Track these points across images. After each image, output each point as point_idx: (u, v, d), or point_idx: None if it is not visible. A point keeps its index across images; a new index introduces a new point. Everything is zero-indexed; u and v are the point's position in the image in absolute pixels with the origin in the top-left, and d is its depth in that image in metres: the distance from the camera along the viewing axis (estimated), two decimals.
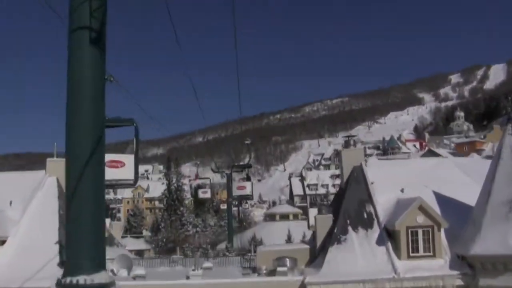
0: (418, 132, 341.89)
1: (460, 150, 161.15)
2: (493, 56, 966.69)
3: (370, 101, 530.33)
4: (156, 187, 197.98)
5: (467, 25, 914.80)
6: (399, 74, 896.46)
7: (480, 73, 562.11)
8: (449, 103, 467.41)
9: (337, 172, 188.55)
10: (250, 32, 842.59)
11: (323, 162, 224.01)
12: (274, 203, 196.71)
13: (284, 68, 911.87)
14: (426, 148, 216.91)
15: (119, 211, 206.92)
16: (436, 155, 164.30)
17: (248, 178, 49.96)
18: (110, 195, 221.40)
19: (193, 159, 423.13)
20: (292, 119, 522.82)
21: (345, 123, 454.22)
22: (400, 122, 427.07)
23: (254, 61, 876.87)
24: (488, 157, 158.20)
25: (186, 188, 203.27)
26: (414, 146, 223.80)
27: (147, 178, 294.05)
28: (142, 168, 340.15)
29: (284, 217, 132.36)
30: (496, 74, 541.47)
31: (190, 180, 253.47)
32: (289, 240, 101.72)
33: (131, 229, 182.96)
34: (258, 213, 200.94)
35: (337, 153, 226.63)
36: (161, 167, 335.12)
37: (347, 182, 39.40)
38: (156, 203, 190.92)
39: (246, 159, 69.13)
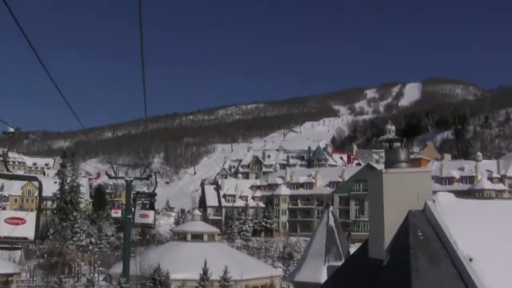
0: (336, 143, 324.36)
1: None
2: (409, 75, 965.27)
3: (286, 109, 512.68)
4: (50, 184, 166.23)
5: (385, 41, 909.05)
6: (315, 85, 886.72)
7: (395, 90, 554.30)
8: (365, 117, 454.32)
9: (258, 182, 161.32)
10: (165, 27, 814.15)
11: (240, 169, 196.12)
12: (183, 211, 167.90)
13: (199, 69, 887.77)
14: (354, 161, 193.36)
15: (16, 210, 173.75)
16: (372, 169, 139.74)
17: (152, 207, 41.68)
18: None
19: (99, 155, 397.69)
20: (205, 122, 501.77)
21: (260, 129, 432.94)
22: (316, 132, 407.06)
23: (167, 59, 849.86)
24: (432, 177, 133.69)
25: (84, 189, 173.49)
26: (341, 158, 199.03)
27: (43, 173, 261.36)
28: (42, 162, 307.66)
29: (197, 237, 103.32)
30: (411, 92, 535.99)
31: (90, 179, 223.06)
32: (205, 275, 73.69)
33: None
34: (164, 222, 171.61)
35: (257, 161, 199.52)
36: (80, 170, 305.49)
37: (397, 243, 15.84)
38: (50, 204, 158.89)
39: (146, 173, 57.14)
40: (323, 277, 33.26)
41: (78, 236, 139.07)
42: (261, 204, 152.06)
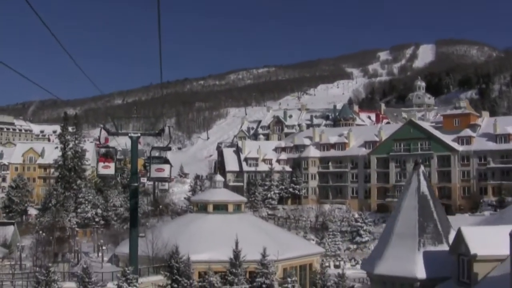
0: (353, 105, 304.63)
1: (449, 124, 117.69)
2: (422, 36, 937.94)
3: (297, 72, 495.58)
4: (53, 151, 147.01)
5: (395, 2, 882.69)
6: (325, 49, 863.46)
7: (409, 51, 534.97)
8: (380, 79, 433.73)
9: (283, 143, 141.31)
10: None
11: (260, 131, 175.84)
12: (199, 178, 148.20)
13: (209, 35, 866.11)
14: (384, 120, 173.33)
15: (4, 179, 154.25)
16: (419, 128, 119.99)
17: (166, 161, 37.58)
18: None
19: (109, 121, 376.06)
20: (216, 86, 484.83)
21: (272, 92, 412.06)
22: (330, 95, 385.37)
23: (178, 26, 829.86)
24: (484, 134, 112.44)
25: (90, 155, 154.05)
26: (369, 117, 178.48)
27: (48, 139, 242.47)
28: (50, 129, 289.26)
29: (221, 207, 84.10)
30: (425, 54, 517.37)
31: (98, 146, 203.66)
32: (236, 259, 56.07)
33: (11, 206, 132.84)
34: (178, 190, 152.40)
35: (278, 121, 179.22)
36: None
37: None
38: (53, 172, 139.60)
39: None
40: (419, 269, 29.99)
41: (83, 207, 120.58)
42: (287, 168, 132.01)
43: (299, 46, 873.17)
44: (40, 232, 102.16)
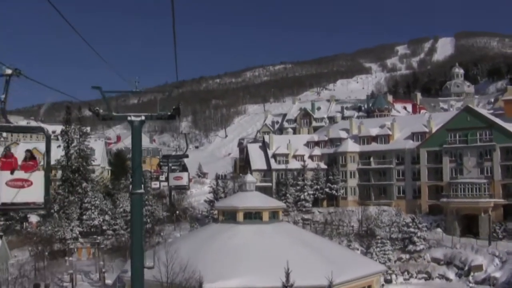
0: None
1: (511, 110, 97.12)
2: (440, 29, 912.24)
3: (314, 68, 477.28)
4: (59, 151, 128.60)
5: None
6: (341, 44, 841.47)
7: (427, 45, 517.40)
8: (400, 73, 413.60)
9: (316, 137, 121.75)
10: None
11: (285, 124, 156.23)
12: (221, 178, 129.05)
13: (223, 32, 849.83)
14: (422, 110, 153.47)
15: None
16: (478, 115, 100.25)
17: (184, 169, 35.81)
18: None
19: (123, 120, 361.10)
20: (232, 84, 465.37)
21: (291, 88, 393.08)
22: (350, 90, 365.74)
23: (192, 24, 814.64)
24: None
25: (99, 154, 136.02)
26: (405, 108, 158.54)
27: (57, 138, 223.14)
28: (59, 129, 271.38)
29: (254, 215, 65.38)
30: (444, 47, 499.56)
31: (109, 144, 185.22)
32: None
33: (8, 214, 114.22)
34: (197, 192, 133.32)
35: (306, 113, 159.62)
36: (88, 128, 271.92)
37: None
38: (59, 174, 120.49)
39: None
40: None
41: (89, 214, 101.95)
42: (322, 165, 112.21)
43: (313, 43, 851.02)
44: (35, 245, 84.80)
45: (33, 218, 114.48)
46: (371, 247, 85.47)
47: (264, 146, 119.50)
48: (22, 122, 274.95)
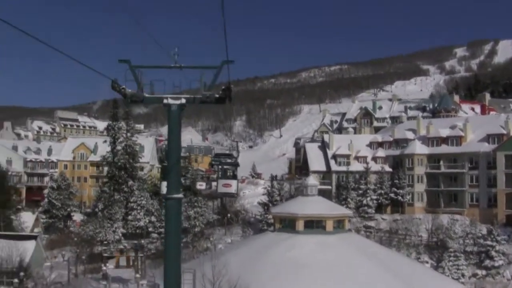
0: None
1: None
2: (499, 32, 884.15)
3: (370, 69, 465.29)
4: (105, 146, 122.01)
5: None
6: (398, 45, 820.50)
7: (487, 47, 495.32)
8: (459, 75, 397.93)
9: (379, 138, 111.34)
10: None
11: (344, 124, 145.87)
12: (275, 179, 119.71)
13: (278, 32, 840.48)
14: (491, 112, 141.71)
15: (52, 179, 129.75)
16: None
17: (234, 176, 33.19)
18: (42, 155, 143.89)
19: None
20: (287, 84, 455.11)
21: (347, 89, 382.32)
22: (407, 92, 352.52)
23: (246, 23, 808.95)
24: None
25: (148, 151, 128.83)
26: (472, 109, 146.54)
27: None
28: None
29: (316, 224, 55.92)
30: (505, 50, 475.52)
31: (160, 141, 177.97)
32: None
33: (51, 211, 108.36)
34: (250, 193, 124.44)
35: (366, 113, 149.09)
36: (141, 126, 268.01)
37: None
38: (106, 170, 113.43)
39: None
40: None
41: (134, 214, 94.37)
42: (387, 168, 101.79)
43: (369, 44, 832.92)
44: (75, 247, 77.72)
45: (77, 217, 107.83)
46: (443, 260, 76.63)
47: (323, 146, 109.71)
48: (81, 118, 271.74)
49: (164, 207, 24.48)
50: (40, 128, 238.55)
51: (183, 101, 21.88)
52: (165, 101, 21.61)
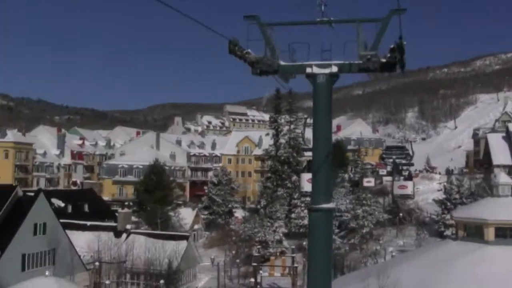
0: None
1: None
2: None
3: None
4: (267, 139, 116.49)
5: None
6: None
7: None
8: None
9: None
10: None
11: None
12: (452, 172, 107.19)
13: (449, 19, 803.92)
14: None
15: (215, 175, 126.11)
16: None
17: (410, 177, 28.55)
18: (206, 149, 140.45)
19: (347, 111, 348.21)
20: (461, 74, 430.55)
21: None
22: None
23: (415, 13, 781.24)
24: None
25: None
26: None
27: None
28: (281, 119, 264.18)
29: (510, 234, 43.71)
30: None
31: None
32: None
33: (212, 207, 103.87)
34: (424, 189, 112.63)
35: None
36: (307, 118, 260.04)
37: None
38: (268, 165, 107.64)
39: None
40: None
41: (298, 212, 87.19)
42: None
43: None
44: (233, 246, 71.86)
45: (239, 213, 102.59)
46: None
47: (508, 137, 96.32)
48: (249, 112, 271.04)
49: (308, 220, 16.18)
50: (210, 122, 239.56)
51: (334, 69, 14.87)
52: (308, 70, 15.00)
